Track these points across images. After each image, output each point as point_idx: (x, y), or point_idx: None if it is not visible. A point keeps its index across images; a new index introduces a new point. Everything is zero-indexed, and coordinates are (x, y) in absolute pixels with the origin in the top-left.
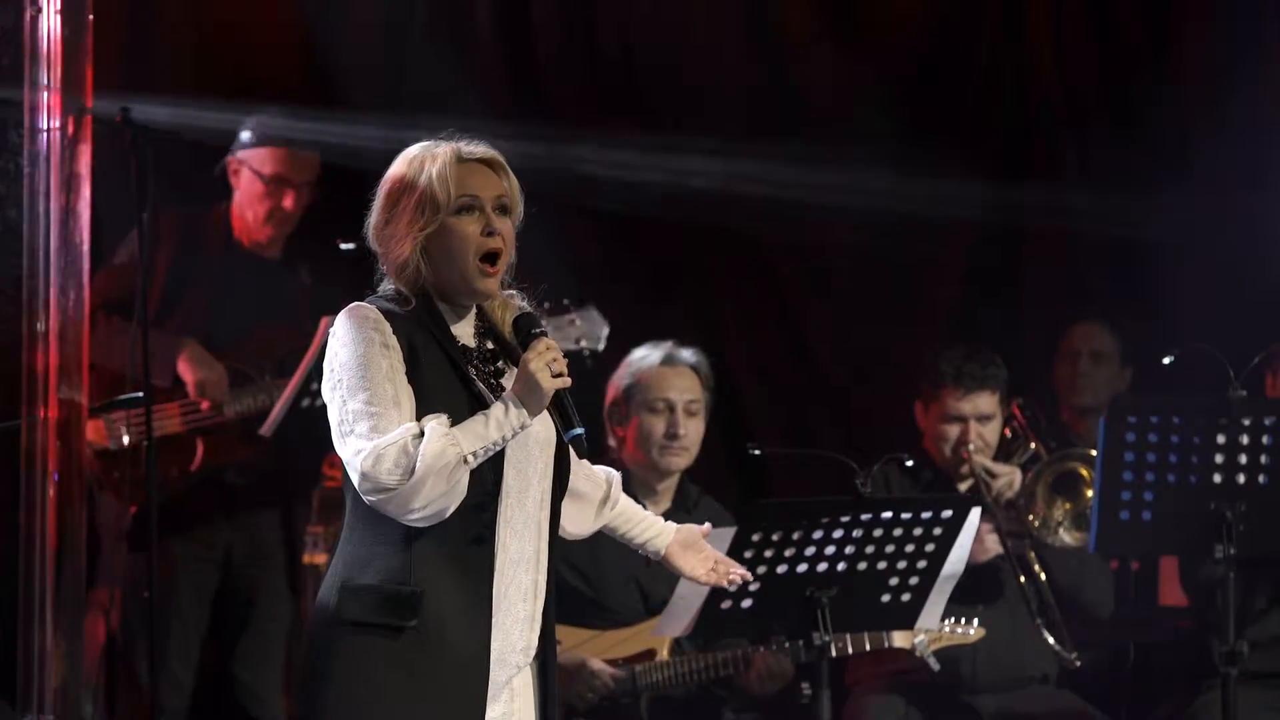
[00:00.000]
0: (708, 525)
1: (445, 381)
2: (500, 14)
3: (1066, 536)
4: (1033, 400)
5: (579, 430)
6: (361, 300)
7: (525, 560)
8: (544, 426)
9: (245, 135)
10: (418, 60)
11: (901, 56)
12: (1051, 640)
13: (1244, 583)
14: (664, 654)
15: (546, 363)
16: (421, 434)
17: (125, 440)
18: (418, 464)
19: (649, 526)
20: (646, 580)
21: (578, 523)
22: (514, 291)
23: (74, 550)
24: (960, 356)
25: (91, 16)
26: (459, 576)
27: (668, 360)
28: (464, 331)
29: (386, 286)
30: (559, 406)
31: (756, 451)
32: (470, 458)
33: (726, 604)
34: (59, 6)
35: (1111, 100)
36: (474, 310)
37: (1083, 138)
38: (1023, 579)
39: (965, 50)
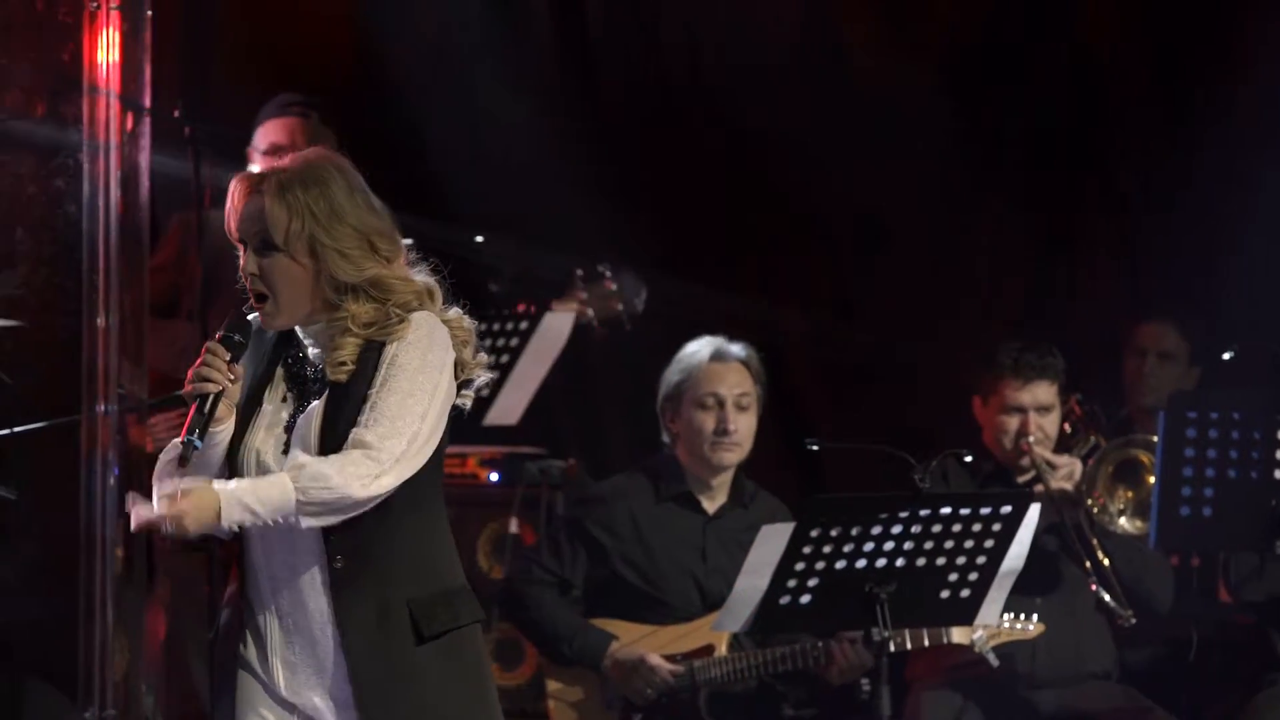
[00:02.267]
0: None
1: (252, 383)
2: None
3: (1127, 524)
4: (1092, 396)
5: (189, 439)
6: None
7: (292, 604)
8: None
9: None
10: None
11: (958, 50)
12: (1107, 597)
13: None
14: (722, 649)
15: (196, 367)
16: None
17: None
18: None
19: None
20: (704, 576)
21: None
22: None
23: (135, 545)
24: (1017, 348)
25: (150, 13)
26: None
27: (717, 355)
28: (310, 345)
29: None
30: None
31: (814, 446)
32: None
33: (785, 600)
34: (117, 4)
35: (1170, 94)
36: (319, 326)
37: (1142, 135)
38: (1088, 564)
39: (1022, 43)
